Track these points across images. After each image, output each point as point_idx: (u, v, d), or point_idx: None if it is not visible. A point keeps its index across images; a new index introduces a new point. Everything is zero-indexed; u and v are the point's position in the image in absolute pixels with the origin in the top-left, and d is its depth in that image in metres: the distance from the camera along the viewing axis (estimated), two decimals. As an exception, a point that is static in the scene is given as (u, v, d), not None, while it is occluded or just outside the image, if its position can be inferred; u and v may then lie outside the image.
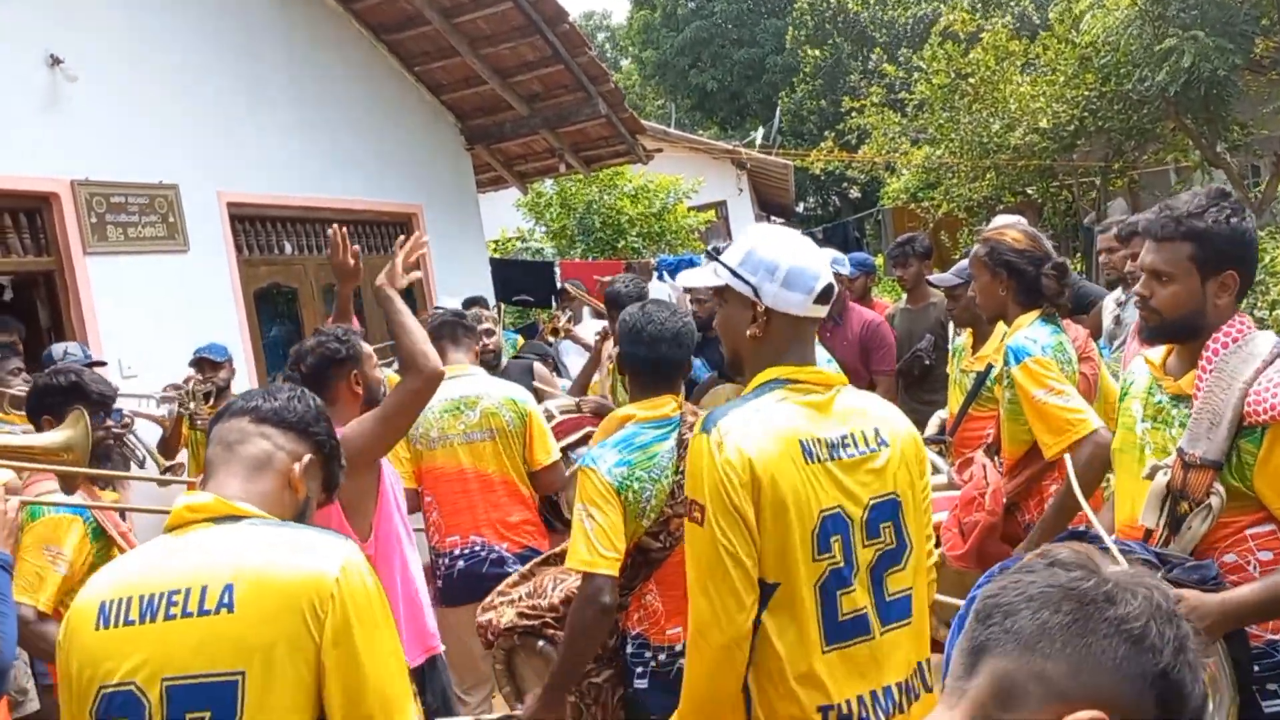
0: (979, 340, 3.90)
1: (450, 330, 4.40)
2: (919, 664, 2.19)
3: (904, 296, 6.50)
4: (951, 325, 5.36)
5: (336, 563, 1.75)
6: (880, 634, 2.11)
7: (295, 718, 1.70)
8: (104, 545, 3.15)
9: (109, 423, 3.46)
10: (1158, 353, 2.46)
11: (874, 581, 2.12)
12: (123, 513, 3.54)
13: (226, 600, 1.70)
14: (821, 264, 2.21)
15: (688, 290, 5.32)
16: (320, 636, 1.70)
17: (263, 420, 1.93)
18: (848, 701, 2.07)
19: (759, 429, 2.07)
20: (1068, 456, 2.89)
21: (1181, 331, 2.32)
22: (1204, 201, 2.27)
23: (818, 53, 24.70)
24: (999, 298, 3.30)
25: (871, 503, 2.13)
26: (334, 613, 1.71)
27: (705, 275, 2.32)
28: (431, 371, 3.07)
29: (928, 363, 5.80)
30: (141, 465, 5.21)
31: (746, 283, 2.18)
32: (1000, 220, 6.04)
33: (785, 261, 2.16)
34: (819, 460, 2.09)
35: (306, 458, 1.95)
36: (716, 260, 2.25)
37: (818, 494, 2.07)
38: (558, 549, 3.20)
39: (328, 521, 2.76)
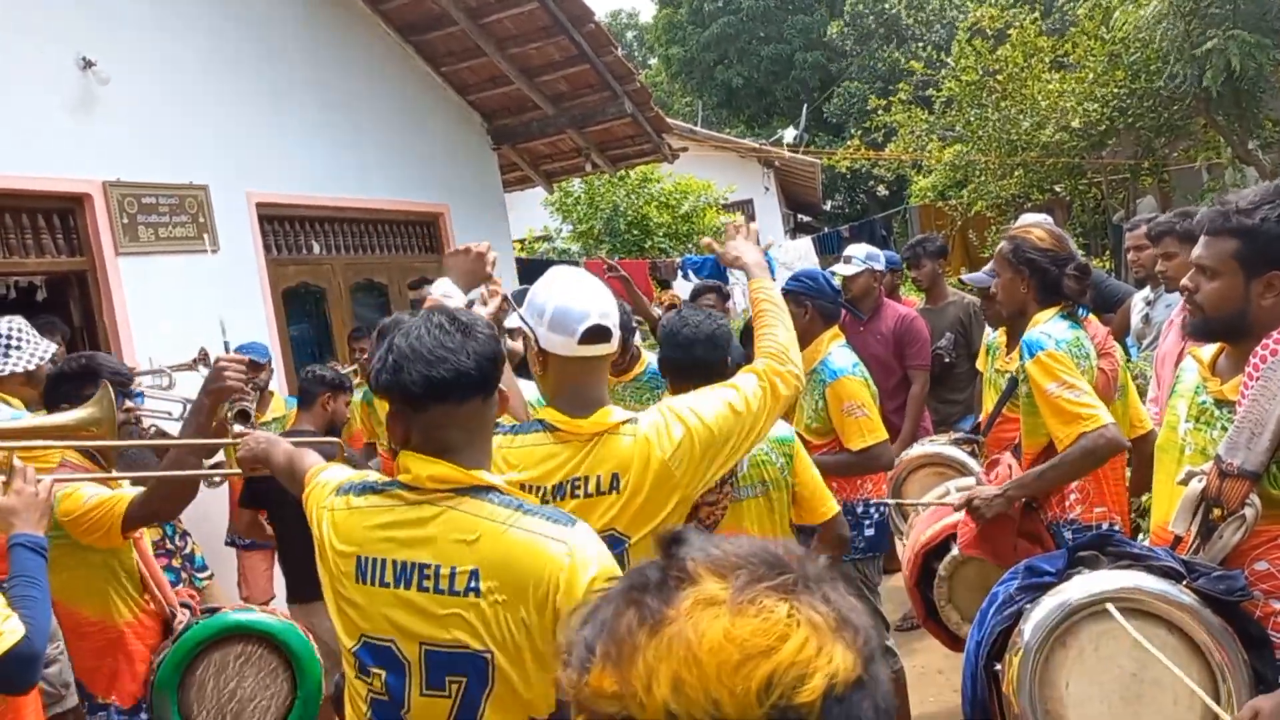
0: (1013, 339, 3.88)
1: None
2: None
3: (923, 297, 6.48)
4: (986, 325, 5.33)
5: None
6: None
7: None
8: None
9: (128, 405, 3.46)
10: (1208, 351, 2.41)
11: None
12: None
13: None
14: (596, 305, 2.22)
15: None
16: None
17: None
18: None
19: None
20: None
21: (1224, 330, 2.28)
22: (1259, 199, 2.21)
23: (900, 55, 24.61)
24: (1020, 294, 3.30)
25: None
26: None
27: (513, 317, 2.40)
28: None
29: (947, 360, 5.79)
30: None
31: (527, 325, 2.27)
32: (1026, 218, 6.01)
33: (551, 303, 2.22)
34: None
35: None
36: (514, 305, 2.38)
37: None
38: None
39: None
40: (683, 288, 9.68)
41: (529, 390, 3.11)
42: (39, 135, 5.51)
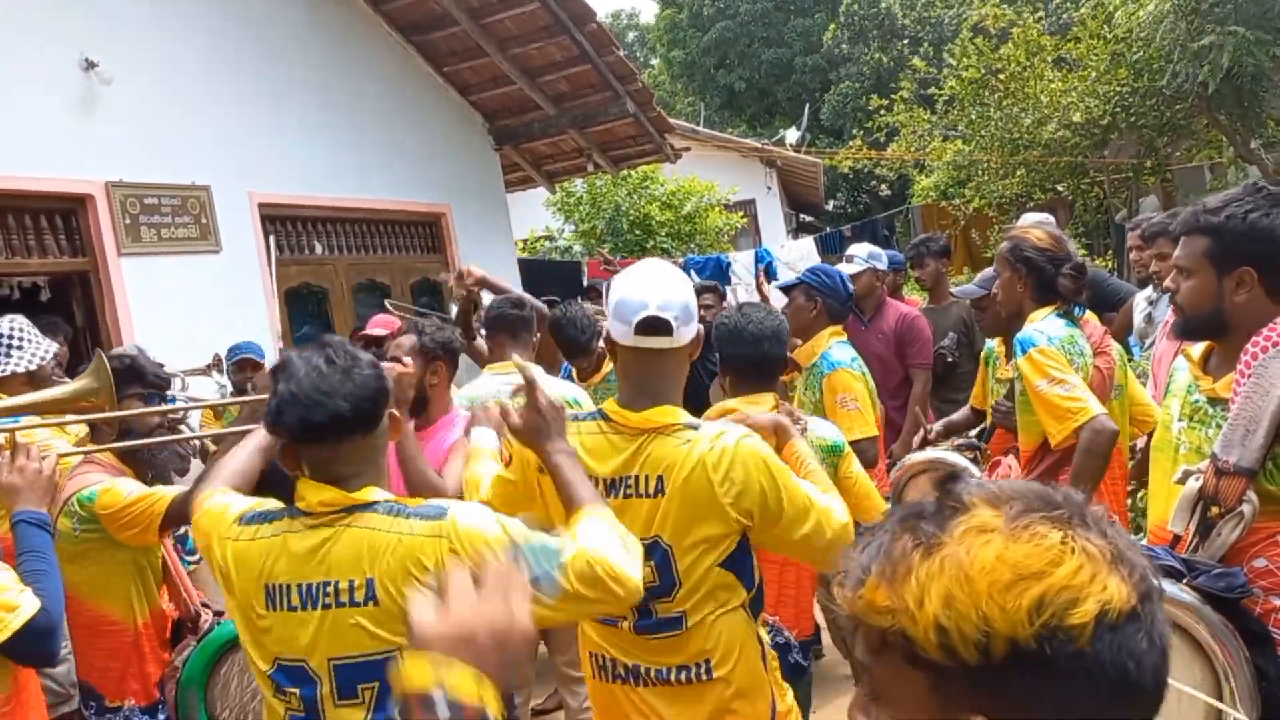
0: (1011, 347, 3.88)
1: (509, 324, 4.18)
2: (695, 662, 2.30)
3: (926, 296, 6.47)
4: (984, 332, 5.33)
5: None
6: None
7: None
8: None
9: (164, 406, 3.46)
10: (1198, 350, 2.43)
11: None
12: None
13: None
14: (653, 297, 2.21)
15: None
16: None
17: None
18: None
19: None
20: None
21: (1203, 328, 2.32)
22: (1230, 197, 2.25)
23: (883, 57, 24.56)
24: (1017, 293, 3.33)
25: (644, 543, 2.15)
26: None
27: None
28: None
29: (950, 359, 5.78)
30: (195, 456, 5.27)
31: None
32: (1028, 218, 6.01)
33: (617, 294, 2.26)
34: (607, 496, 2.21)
35: None
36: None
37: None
38: None
39: None
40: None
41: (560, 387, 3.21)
42: (41, 136, 5.52)
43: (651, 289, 2.22)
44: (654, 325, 2.20)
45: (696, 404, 2.76)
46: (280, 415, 1.94)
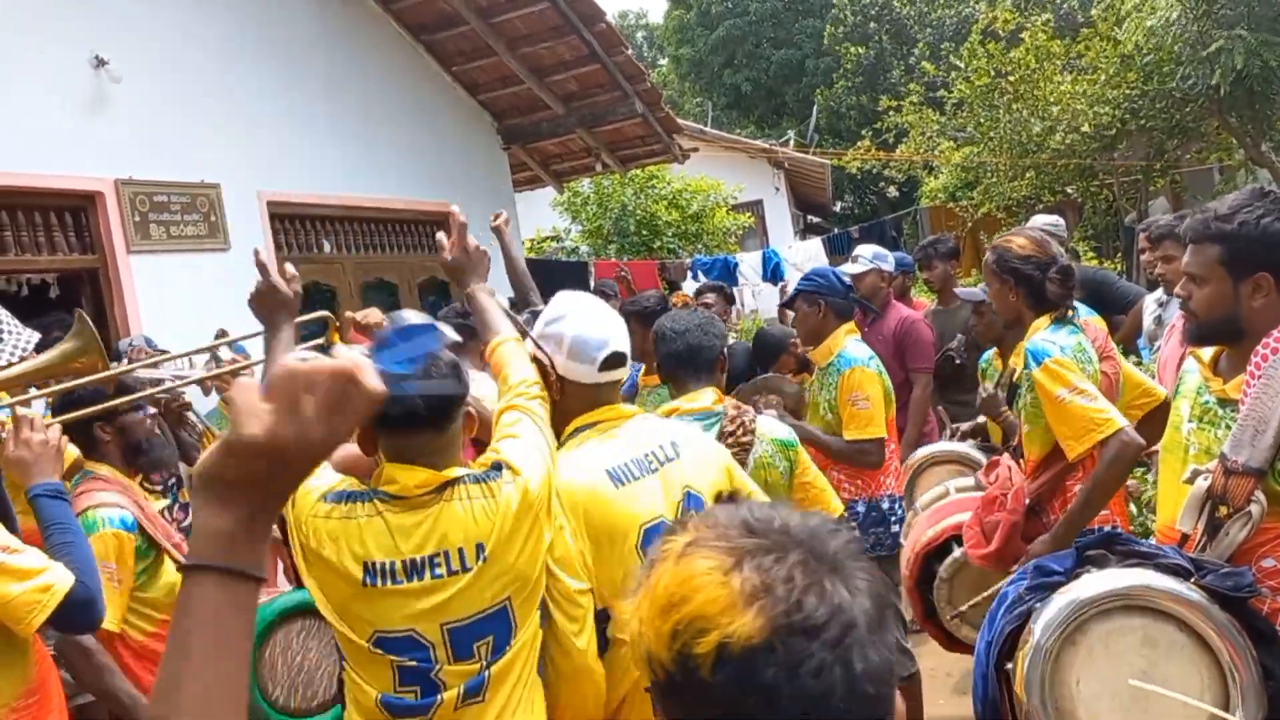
0: (1006, 355, 3.87)
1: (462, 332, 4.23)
2: None
3: (934, 299, 6.46)
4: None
5: None
6: None
7: None
8: (154, 558, 3.08)
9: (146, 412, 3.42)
10: (1208, 351, 2.43)
11: None
12: (167, 510, 3.51)
13: None
14: (611, 332, 2.32)
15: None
16: None
17: None
18: None
19: (571, 470, 2.27)
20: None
21: (1218, 334, 2.32)
22: (1238, 202, 2.25)
23: (861, 50, 24.56)
24: (1012, 303, 3.28)
25: (679, 504, 2.32)
26: None
27: (528, 343, 2.47)
28: None
29: (958, 362, 5.76)
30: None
31: (544, 352, 2.35)
32: (1037, 220, 5.99)
33: (569, 333, 2.31)
34: (629, 480, 2.27)
35: None
36: (528, 329, 2.43)
37: (633, 511, 2.25)
38: None
39: None
40: (692, 289, 9.69)
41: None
42: (52, 133, 5.54)
43: (605, 327, 2.33)
44: (617, 360, 2.33)
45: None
46: None
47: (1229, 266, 2.25)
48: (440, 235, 2.68)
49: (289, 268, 2.52)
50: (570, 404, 2.37)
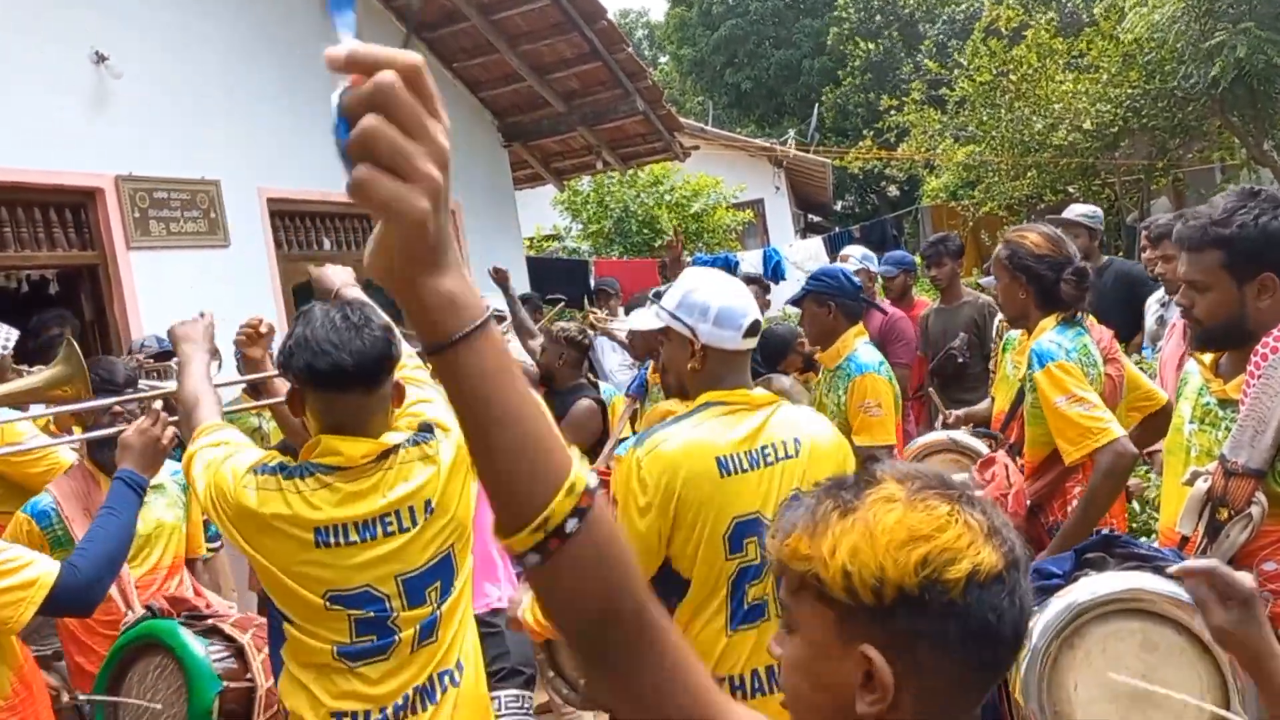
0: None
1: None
2: None
3: (938, 297, 6.44)
4: (998, 322, 5.30)
5: None
6: (778, 616, 2.37)
7: None
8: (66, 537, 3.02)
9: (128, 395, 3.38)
10: (1209, 353, 2.42)
11: None
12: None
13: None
14: (749, 303, 2.45)
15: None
16: None
17: None
18: (742, 675, 2.35)
19: (677, 443, 2.31)
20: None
21: (1226, 339, 2.29)
22: (1232, 205, 2.22)
23: (871, 46, 24.53)
24: (1019, 301, 3.23)
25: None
26: None
27: (649, 318, 2.55)
28: None
29: (961, 360, 5.76)
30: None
31: (684, 324, 2.41)
32: (1074, 209, 5.97)
33: (716, 303, 2.40)
34: (736, 472, 2.32)
35: None
36: (657, 304, 2.50)
37: (731, 501, 2.30)
38: None
39: None
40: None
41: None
42: (52, 129, 5.53)
43: (745, 299, 2.45)
44: (756, 328, 2.45)
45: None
46: (290, 357, 2.11)
47: (1232, 270, 2.22)
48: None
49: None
50: (710, 372, 2.44)
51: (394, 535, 2.14)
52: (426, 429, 2.25)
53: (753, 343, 2.46)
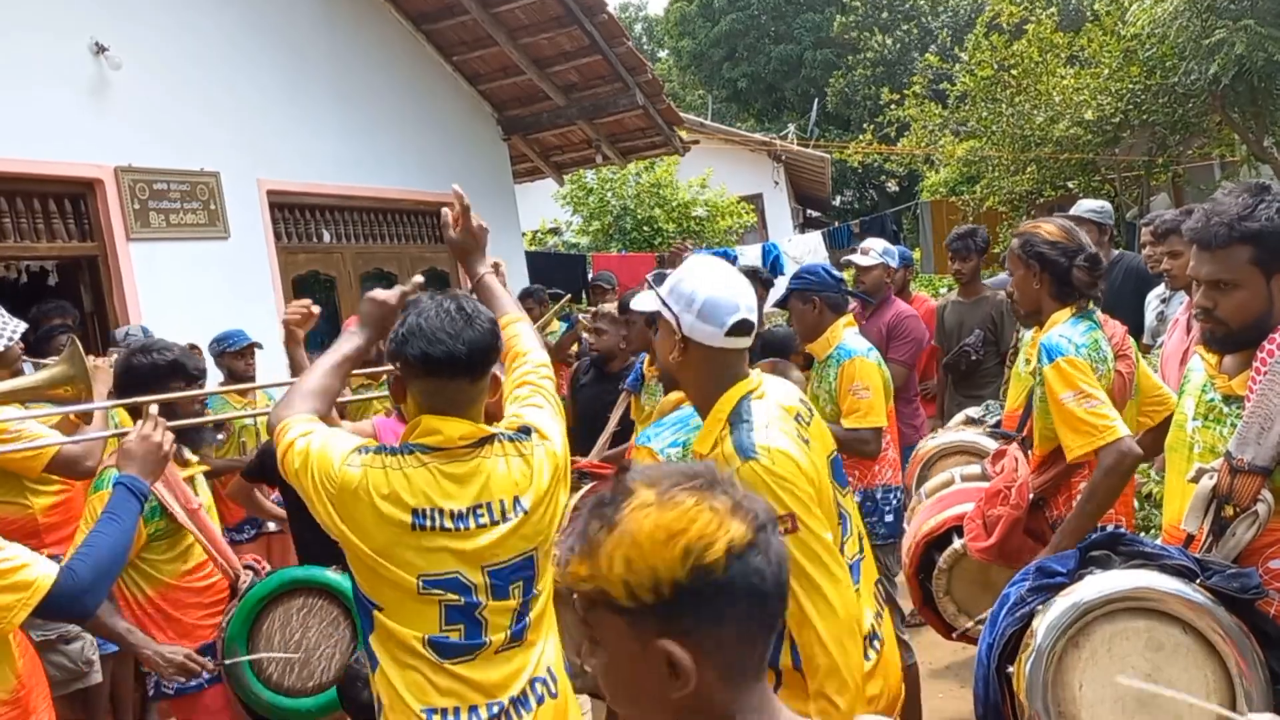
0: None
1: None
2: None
3: (956, 289, 6.39)
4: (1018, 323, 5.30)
5: None
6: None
7: None
8: (166, 524, 3.05)
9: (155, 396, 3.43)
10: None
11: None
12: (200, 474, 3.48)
13: None
14: (743, 300, 2.25)
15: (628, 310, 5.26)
16: None
17: None
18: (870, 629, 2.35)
19: (783, 441, 2.20)
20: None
21: (1251, 338, 2.23)
22: (1250, 200, 2.19)
23: (889, 40, 24.48)
24: (1034, 291, 3.24)
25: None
26: None
27: (648, 300, 2.42)
28: None
29: (974, 358, 5.73)
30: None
31: (670, 310, 2.28)
32: (1083, 204, 5.95)
33: (703, 293, 2.23)
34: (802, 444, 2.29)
35: None
36: (654, 287, 2.38)
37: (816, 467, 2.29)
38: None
39: None
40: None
41: None
42: (51, 120, 5.52)
43: (739, 293, 2.26)
44: (744, 327, 2.25)
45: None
46: (404, 344, 2.15)
47: (1263, 265, 2.18)
48: (445, 211, 2.72)
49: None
50: (690, 368, 2.30)
51: (485, 527, 2.19)
52: (525, 430, 2.31)
53: (742, 343, 2.30)
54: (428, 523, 2.14)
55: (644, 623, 1.12)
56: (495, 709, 2.21)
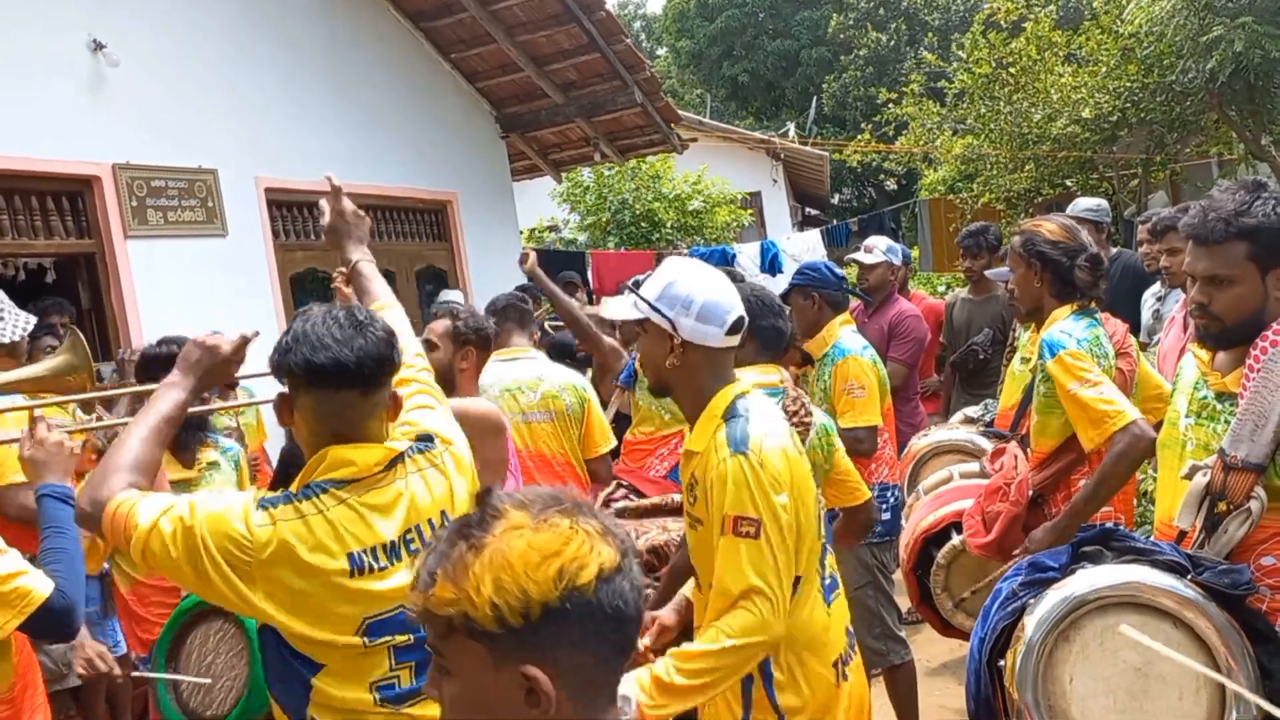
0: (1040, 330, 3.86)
1: (516, 313, 4.48)
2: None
3: (967, 287, 6.38)
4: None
5: None
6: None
7: None
8: None
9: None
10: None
11: (822, 560, 2.42)
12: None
13: None
14: (735, 298, 2.33)
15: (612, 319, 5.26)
16: None
17: None
18: (839, 652, 2.37)
19: (777, 438, 2.27)
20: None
21: (1246, 334, 2.25)
22: (1246, 196, 2.21)
23: (880, 37, 24.47)
24: (1035, 289, 3.25)
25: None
26: None
27: (625, 308, 2.39)
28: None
29: (982, 356, 5.73)
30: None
31: (664, 316, 2.27)
32: (1080, 203, 5.96)
33: (700, 297, 2.27)
34: (799, 453, 2.35)
35: None
36: (636, 294, 2.36)
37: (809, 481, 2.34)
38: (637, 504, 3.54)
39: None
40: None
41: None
42: (49, 117, 5.52)
43: (730, 294, 2.33)
44: (740, 325, 2.33)
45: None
46: (287, 353, 1.99)
47: (1258, 261, 2.21)
48: (321, 201, 2.67)
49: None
50: (689, 369, 2.32)
51: (418, 553, 1.99)
52: (426, 439, 2.15)
53: (736, 340, 2.36)
54: (365, 564, 1.96)
55: (506, 647, 1.11)
56: None
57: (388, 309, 2.42)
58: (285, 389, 2.04)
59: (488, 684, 1.13)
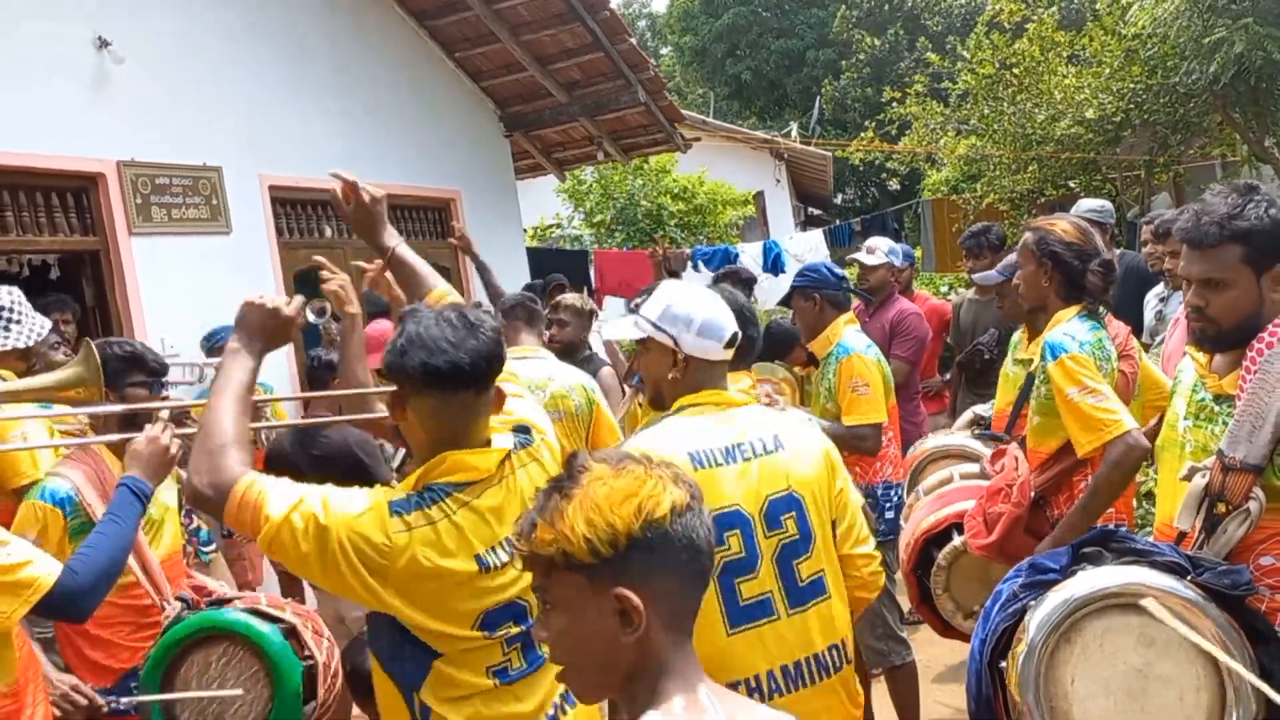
0: (1034, 333, 3.86)
1: (525, 313, 4.51)
2: (839, 641, 2.47)
3: (973, 288, 6.38)
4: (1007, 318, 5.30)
5: None
6: (788, 614, 2.39)
7: None
8: (84, 522, 2.94)
9: (165, 395, 3.46)
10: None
11: (781, 568, 2.40)
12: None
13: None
14: (730, 317, 2.53)
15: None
16: None
17: None
18: (755, 677, 2.34)
19: (652, 445, 2.33)
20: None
21: (1242, 336, 2.26)
22: (1239, 199, 2.23)
23: (876, 40, 24.47)
24: (1041, 288, 3.24)
25: (768, 498, 2.40)
26: None
27: (627, 328, 2.56)
28: None
29: (988, 356, 5.74)
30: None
31: (667, 334, 2.46)
32: (1083, 204, 5.97)
33: (700, 315, 2.46)
34: (710, 465, 2.37)
35: None
36: (637, 315, 2.53)
37: (707, 494, 2.29)
38: None
39: None
40: (692, 279, 9.67)
41: None
42: (53, 114, 5.53)
43: (725, 311, 2.52)
44: (736, 339, 2.52)
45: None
46: (403, 356, 2.03)
47: (1253, 263, 2.22)
48: (337, 194, 2.67)
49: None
50: (690, 381, 2.50)
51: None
52: (523, 430, 2.26)
53: (730, 354, 2.55)
54: (491, 562, 2.07)
55: (600, 575, 1.31)
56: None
57: (448, 297, 2.48)
58: (397, 390, 2.10)
59: (589, 610, 1.33)
